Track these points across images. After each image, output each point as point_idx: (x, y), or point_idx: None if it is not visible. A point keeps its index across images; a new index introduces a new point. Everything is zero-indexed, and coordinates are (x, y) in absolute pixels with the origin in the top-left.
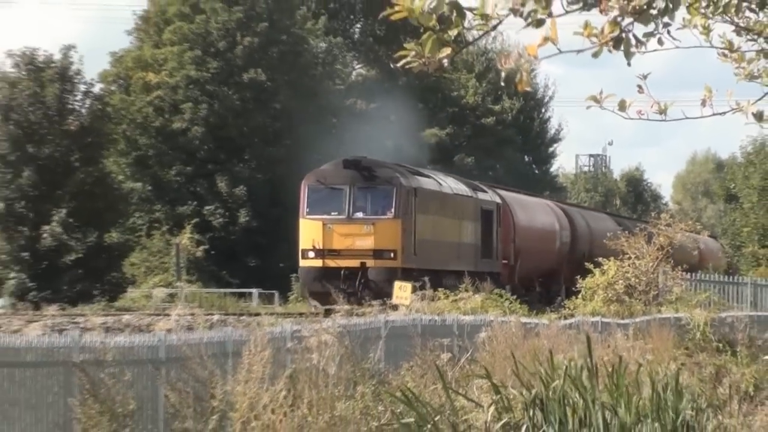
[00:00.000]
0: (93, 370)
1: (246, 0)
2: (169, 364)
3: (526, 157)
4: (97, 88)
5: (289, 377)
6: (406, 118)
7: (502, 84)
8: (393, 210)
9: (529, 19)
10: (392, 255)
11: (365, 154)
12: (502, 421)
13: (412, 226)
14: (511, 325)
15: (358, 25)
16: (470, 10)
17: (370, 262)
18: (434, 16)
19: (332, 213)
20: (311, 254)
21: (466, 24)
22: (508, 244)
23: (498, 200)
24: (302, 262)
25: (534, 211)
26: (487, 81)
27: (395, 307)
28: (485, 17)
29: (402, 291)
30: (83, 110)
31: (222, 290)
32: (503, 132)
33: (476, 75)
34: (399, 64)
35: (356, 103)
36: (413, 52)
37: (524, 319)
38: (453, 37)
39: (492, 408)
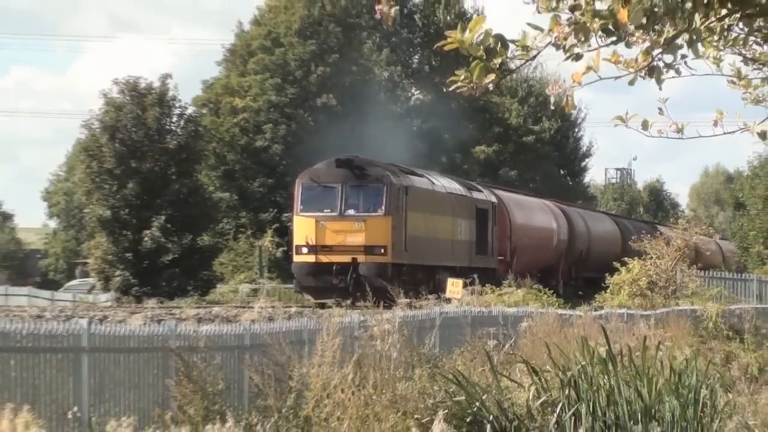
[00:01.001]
0: (187, 355)
1: (319, 35)
2: (252, 349)
3: (561, 170)
4: (190, 111)
5: (356, 361)
6: (457, 136)
7: (552, 107)
8: (383, 207)
9: (569, 53)
10: (382, 251)
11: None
12: (541, 400)
13: (402, 222)
14: (549, 316)
15: (416, 56)
16: (513, 42)
17: (361, 258)
18: (481, 47)
19: (325, 210)
20: (304, 250)
21: (509, 54)
22: (504, 242)
23: (494, 200)
24: (296, 258)
25: (531, 211)
26: (528, 104)
27: (448, 301)
28: (526, 48)
29: (454, 286)
30: (179, 130)
31: None
32: (542, 149)
33: (519, 99)
34: (451, 89)
35: (414, 124)
36: (463, 78)
37: (560, 311)
38: (498, 65)
39: (532, 388)
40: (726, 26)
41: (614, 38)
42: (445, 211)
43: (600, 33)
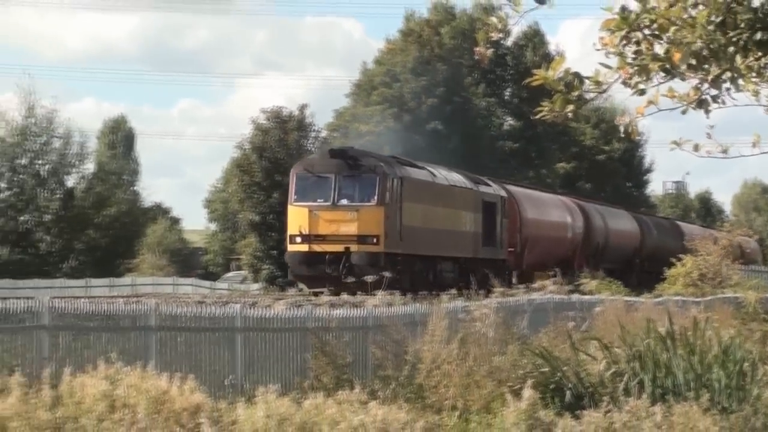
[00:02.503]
0: (321, 334)
1: (429, 72)
2: (374, 329)
3: (627, 183)
4: (324, 134)
5: (460, 339)
6: (542, 155)
7: (622, 135)
8: (376, 197)
9: (635, 89)
10: (375, 240)
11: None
12: (611, 371)
13: (396, 213)
14: (617, 302)
15: (508, 89)
16: (587, 78)
17: (353, 247)
18: (562, 82)
19: (318, 200)
20: (298, 239)
21: (584, 88)
22: (514, 234)
23: (503, 194)
24: (290, 247)
25: (544, 205)
26: (600, 128)
27: (535, 289)
28: (598, 83)
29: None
30: (314, 150)
31: None
32: (612, 165)
33: (592, 124)
34: (537, 116)
35: (507, 145)
36: (547, 108)
37: (626, 298)
38: (575, 98)
39: (604, 361)
40: (762, 65)
41: (670, 76)
42: (447, 202)
43: (658, 72)
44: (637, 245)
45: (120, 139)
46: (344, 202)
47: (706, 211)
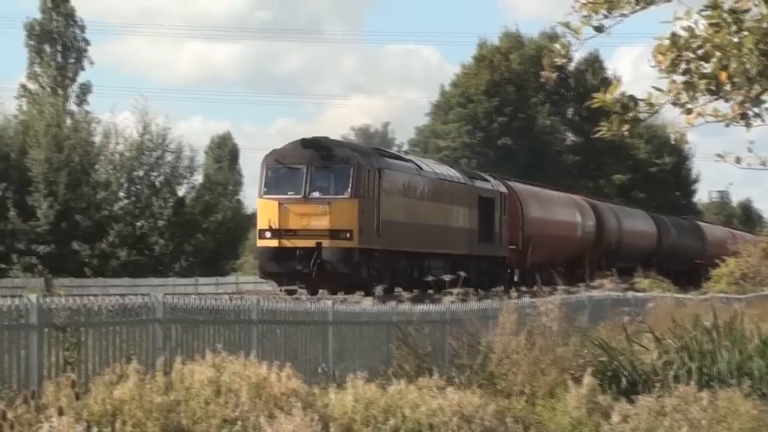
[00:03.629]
0: (404, 327)
1: (499, 94)
2: (451, 323)
3: (677, 192)
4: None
5: (528, 331)
6: (600, 168)
7: (672, 143)
8: (350, 189)
9: (683, 108)
10: (348, 235)
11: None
12: (662, 360)
13: (374, 206)
14: (668, 299)
15: (570, 109)
16: (641, 100)
17: (325, 243)
18: (618, 104)
19: (289, 193)
20: (268, 234)
21: (638, 109)
22: (516, 232)
23: (502, 189)
24: (259, 242)
25: (550, 203)
26: (652, 144)
27: (594, 287)
28: (650, 105)
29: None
30: None
31: None
32: (662, 177)
33: (645, 140)
34: (597, 135)
35: (569, 158)
36: (606, 127)
37: (676, 295)
38: (630, 118)
39: (656, 351)
40: None
41: (715, 97)
42: (435, 196)
43: (704, 93)
44: (655, 245)
45: (225, 153)
46: (316, 194)
47: (747, 217)
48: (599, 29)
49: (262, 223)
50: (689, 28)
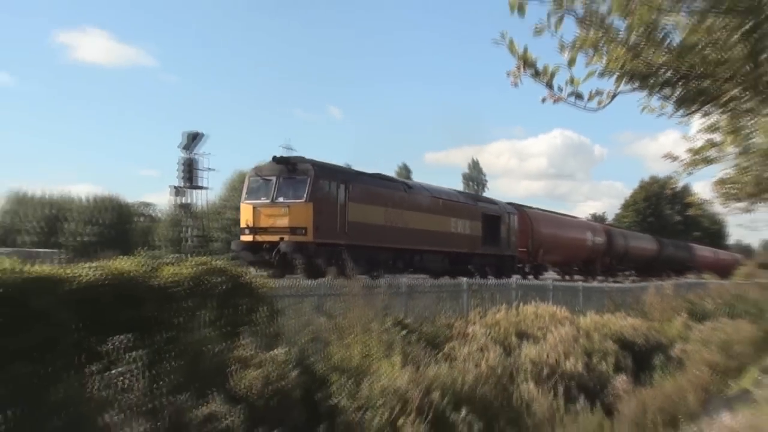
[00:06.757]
0: (617, 294)
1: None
2: (628, 292)
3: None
4: None
5: (662, 294)
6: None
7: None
8: (306, 196)
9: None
10: (304, 231)
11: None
12: (715, 307)
13: (336, 210)
14: (719, 283)
15: None
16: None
17: (286, 237)
18: None
19: (262, 198)
20: (246, 231)
21: None
22: (526, 240)
23: (510, 210)
24: (240, 238)
25: (560, 224)
26: None
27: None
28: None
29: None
30: None
31: None
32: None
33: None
34: None
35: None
36: None
37: (721, 281)
38: None
39: (712, 303)
40: None
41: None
42: (429, 209)
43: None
44: (655, 255)
45: None
46: (281, 199)
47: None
48: None
49: (242, 223)
50: None
